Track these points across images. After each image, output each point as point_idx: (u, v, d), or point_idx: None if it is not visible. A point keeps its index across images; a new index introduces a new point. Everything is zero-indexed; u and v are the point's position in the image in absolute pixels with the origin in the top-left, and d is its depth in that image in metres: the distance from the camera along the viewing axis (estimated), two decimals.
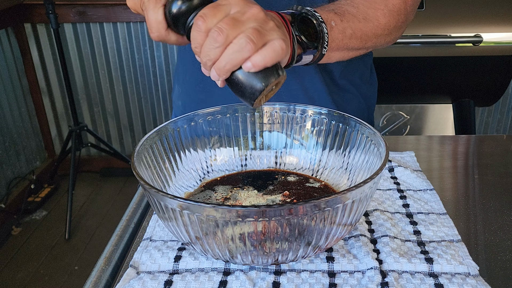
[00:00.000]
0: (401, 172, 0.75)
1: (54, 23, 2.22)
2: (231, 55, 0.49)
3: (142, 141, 0.60)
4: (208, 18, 0.50)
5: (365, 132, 0.63)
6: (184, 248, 0.57)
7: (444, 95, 1.71)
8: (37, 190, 2.60)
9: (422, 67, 1.58)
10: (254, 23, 0.50)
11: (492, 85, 1.63)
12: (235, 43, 0.49)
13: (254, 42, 0.49)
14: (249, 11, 0.51)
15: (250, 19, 0.50)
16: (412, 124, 1.81)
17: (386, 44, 0.79)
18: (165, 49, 2.60)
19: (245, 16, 0.50)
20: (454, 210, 0.66)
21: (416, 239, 0.59)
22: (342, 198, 0.47)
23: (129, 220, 0.67)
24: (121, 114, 2.79)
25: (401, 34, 0.81)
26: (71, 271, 2.05)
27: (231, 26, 0.49)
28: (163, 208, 0.50)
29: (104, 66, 2.66)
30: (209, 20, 0.50)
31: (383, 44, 0.78)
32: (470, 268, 0.53)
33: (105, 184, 2.77)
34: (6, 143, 2.47)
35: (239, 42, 0.49)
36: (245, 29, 0.49)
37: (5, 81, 2.46)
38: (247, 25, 0.50)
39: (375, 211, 0.64)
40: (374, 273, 0.52)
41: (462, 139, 0.93)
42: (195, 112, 0.68)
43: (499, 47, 1.53)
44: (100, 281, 0.55)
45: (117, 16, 2.51)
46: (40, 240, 2.27)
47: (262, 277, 0.53)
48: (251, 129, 0.72)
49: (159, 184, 0.61)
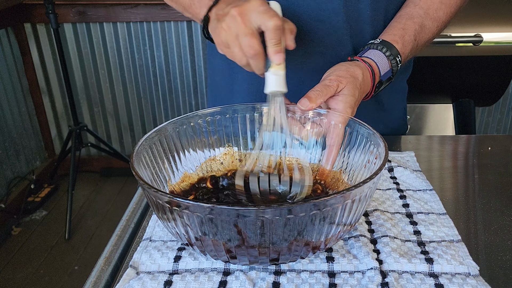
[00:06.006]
0: (401, 172, 0.75)
1: (54, 23, 2.22)
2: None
3: (142, 141, 0.60)
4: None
5: (364, 132, 0.63)
6: (183, 248, 0.57)
7: (444, 95, 1.71)
8: (37, 190, 2.60)
9: (422, 67, 1.57)
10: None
11: (492, 85, 1.62)
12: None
13: None
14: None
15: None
16: (412, 124, 1.81)
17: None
18: (165, 49, 2.60)
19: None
20: (454, 210, 0.66)
21: (416, 239, 0.59)
22: (342, 198, 0.47)
23: (129, 220, 0.67)
24: (121, 114, 2.79)
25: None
26: (71, 271, 2.05)
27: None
28: (162, 208, 0.49)
29: (104, 66, 2.66)
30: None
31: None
32: (470, 268, 0.53)
33: (105, 184, 2.77)
34: (6, 143, 2.47)
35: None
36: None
37: (5, 81, 2.46)
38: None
39: (375, 211, 0.64)
40: (374, 273, 0.52)
41: (462, 139, 0.93)
42: (195, 112, 0.68)
43: (499, 47, 1.52)
44: (100, 281, 0.55)
45: (117, 16, 2.51)
46: (40, 240, 2.27)
47: (262, 277, 0.53)
48: (251, 129, 0.72)
49: (158, 184, 0.61)
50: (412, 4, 0.82)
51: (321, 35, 0.82)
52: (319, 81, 0.70)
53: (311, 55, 0.84)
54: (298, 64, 0.85)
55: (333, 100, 0.68)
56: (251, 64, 0.63)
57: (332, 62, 0.74)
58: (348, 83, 0.68)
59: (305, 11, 0.80)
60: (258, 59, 0.62)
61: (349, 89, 0.68)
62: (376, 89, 0.77)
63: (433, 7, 0.81)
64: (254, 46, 0.60)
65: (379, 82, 0.76)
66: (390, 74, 0.77)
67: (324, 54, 0.84)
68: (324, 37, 0.82)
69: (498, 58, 1.54)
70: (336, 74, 0.69)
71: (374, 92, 0.76)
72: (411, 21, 0.80)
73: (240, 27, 0.60)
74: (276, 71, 0.62)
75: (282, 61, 0.62)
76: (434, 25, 0.82)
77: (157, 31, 2.56)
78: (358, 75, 0.70)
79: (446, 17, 0.83)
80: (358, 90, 0.69)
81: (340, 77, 0.68)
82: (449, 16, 0.83)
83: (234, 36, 0.61)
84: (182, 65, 2.64)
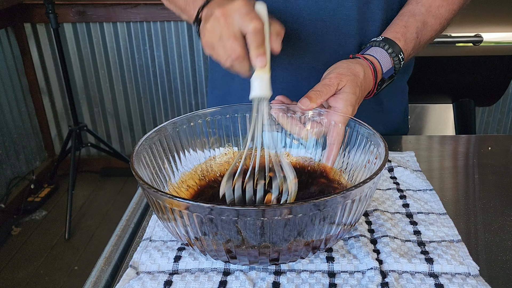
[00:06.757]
0: (401, 172, 0.75)
1: (54, 23, 2.22)
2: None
3: (141, 141, 0.59)
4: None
5: (364, 132, 0.63)
6: (183, 248, 0.57)
7: (444, 95, 1.71)
8: (37, 190, 2.60)
9: (422, 67, 1.57)
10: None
11: (493, 85, 1.62)
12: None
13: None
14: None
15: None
16: (412, 124, 1.81)
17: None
18: (165, 49, 2.60)
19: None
20: (454, 210, 0.66)
21: (416, 239, 0.59)
22: (342, 198, 0.47)
23: (129, 220, 0.67)
24: (121, 114, 2.79)
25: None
26: (71, 271, 2.05)
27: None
28: (162, 209, 0.49)
29: (104, 66, 2.66)
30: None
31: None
32: (470, 268, 0.53)
33: (105, 184, 2.77)
34: (6, 143, 2.47)
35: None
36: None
37: (5, 81, 2.46)
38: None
39: (375, 211, 0.64)
40: (374, 273, 0.52)
41: (462, 139, 0.93)
42: (194, 112, 0.68)
43: (500, 47, 1.52)
44: (100, 281, 0.55)
45: (117, 16, 2.51)
46: (40, 240, 2.27)
47: (262, 277, 0.52)
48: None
49: (158, 184, 0.61)
50: (414, 2, 0.82)
51: (320, 34, 0.82)
52: (319, 79, 0.70)
53: (310, 54, 0.84)
54: (297, 63, 0.85)
55: (334, 98, 0.67)
56: (235, 67, 0.62)
57: (332, 61, 0.74)
58: (349, 81, 0.68)
59: (303, 10, 0.80)
60: (241, 62, 0.61)
61: (349, 87, 0.67)
62: (378, 87, 0.76)
63: (435, 4, 0.81)
64: (236, 49, 0.59)
65: (381, 80, 0.76)
66: (392, 71, 0.77)
67: (324, 53, 0.84)
68: (324, 36, 0.82)
69: (498, 58, 1.54)
70: (336, 72, 0.69)
71: (376, 90, 0.76)
72: (413, 18, 0.80)
73: (223, 29, 0.60)
74: (260, 75, 0.61)
75: (264, 64, 0.60)
76: (437, 23, 0.82)
77: (157, 31, 2.56)
78: (359, 73, 0.70)
79: (448, 15, 0.82)
80: (359, 88, 0.69)
81: (341, 75, 0.68)
82: (451, 13, 0.83)
83: (218, 38, 0.61)
84: (182, 65, 2.64)
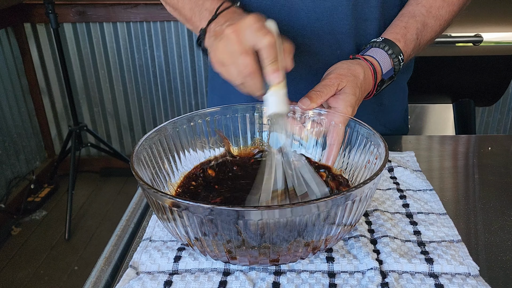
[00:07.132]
0: (401, 172, 0.75)
1: (54, 23, 2.22)
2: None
3: (142, 141, 0.59)
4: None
5: (364, 132, 0.63)
6: (183, 249, 0.57)
7: (444, 95, 1.71)
8: (37, 190, 2.59)
9: (422, 67, 1.57)
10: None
11: (492, 85, 1.62)
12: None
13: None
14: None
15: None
16: (412, 124, 1.81)
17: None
18: (165, 49, 2.60)
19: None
20: (454, 210, 0.66)
21: (416, 239, 0.59)
22: (342, 199, 0.47)
23: (129, 220, 0.67)
24: (121, 114, 2.79)
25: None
26: (71, 271, 2.05)
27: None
28: (162, 209, 0.49)
29: (104, 66, 2.66)
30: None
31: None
32: (470, 269, 0.53)
33: (105, 184, 2.77)
34: (6, 143, 2.47)
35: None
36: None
37: (5, 81, 2.46)
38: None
39: (375, 211, 0.64)
40: (374, 274, 0.52)
41: (462, 139, 0.93)
42: (194, 112, 0.68)
43: (499, 47, 1.52)
44: (99, 281, 0.55)
45: (117, 16, 2.51)
46: (40, 240, 2.27)
47: (262, 277, 0.52)
48: (251, 129, 0.72)
49: (158, 184, 0.61)
50: (414, 3, 0.82)
51: (317, 33, 0.82)
52: (318, 79, 0.70)
53: (308, 53, 0.84)
54: (295, 63, 0.85)
55: (334, 98, 0.68)
56: (247, 84, 0.61)
57: (330, 60, 0.74)
58: (349, 82, 0.68)
59: (301, 10, 0.80)
60: (254, 78, 0.60)
61: (349, 88, 0.67)
62: (378, 88, 0.76)
63: (435, 5, 0.81)
64: (249, 64, 0.59)
65: (381, 81, 0.76)
66: (392, 72, 0.77)
67: (321, 53, 0.84)
68: (321, 35, 0.82)
69: (498, 58, 1.54)
70: (337, 72, 0.69)
71: (376, 91, 0.76)
72: (413, 19, 0.80)
73: (235, 46, 0.59)
74: (275, 91, 0.60)
75: (280, 80, 0.60)
76: (437, 24, 0.82)
77: (157, 31, 2.56)
78: (359, 73, 0.70)
79: (448, 16, 0.82)
80: (359, 89, 0.69)
81: (341, 76, 0.68)
82: (451, 14, 0.83)
83: (229, 55, 0.60)
84: (182, 65, 2.64)
